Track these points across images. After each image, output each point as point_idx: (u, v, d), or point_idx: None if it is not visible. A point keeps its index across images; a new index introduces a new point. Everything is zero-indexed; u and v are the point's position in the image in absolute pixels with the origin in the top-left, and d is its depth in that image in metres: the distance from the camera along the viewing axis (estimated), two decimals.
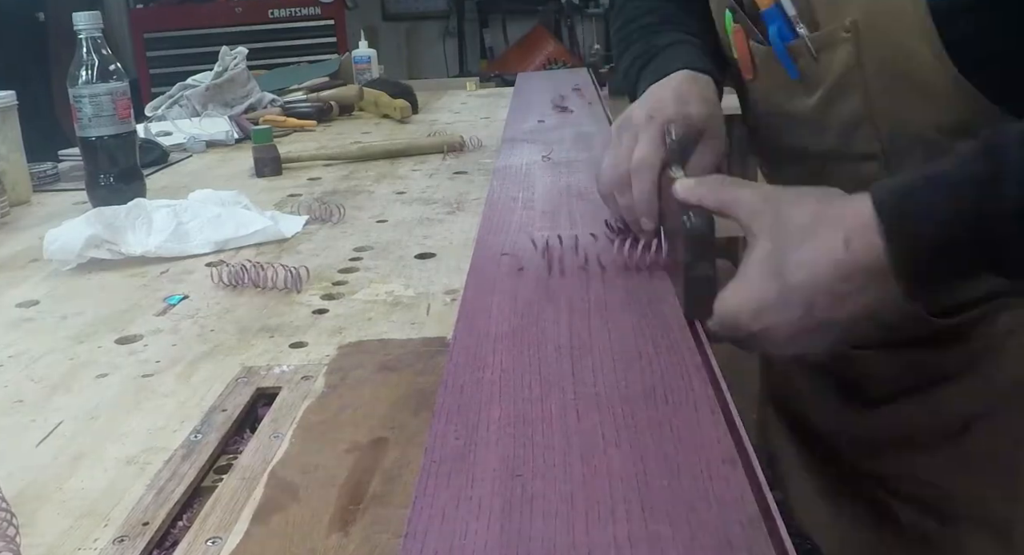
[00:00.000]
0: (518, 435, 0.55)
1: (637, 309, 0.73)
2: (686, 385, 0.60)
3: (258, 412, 0.67)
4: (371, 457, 0.57)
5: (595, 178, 0.87)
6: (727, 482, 0.49)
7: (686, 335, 0.68)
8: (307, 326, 0.81)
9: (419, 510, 0.48)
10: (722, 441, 0.53)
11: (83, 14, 1.21)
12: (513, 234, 0.96)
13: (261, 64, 2.48)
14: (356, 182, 1.38)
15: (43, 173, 1.49)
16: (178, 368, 0.73)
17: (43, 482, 0.57)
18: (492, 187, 1.19)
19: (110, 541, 0.50)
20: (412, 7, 5.03)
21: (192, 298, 0.90)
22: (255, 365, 0.73)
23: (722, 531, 0.45)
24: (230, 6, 4.10)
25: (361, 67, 2.35)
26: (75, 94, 1.22)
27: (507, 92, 2.32)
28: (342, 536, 0.49)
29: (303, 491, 0.54)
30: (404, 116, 1.94)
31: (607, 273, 0.79)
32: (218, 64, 2.01)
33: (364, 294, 0.88)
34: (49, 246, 0.99)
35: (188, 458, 0.59)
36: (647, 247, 0.78)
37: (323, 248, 1.04)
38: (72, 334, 0.82)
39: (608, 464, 0.51)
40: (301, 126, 1.91)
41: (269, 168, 1.46)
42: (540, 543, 0.44)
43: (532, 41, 4.59)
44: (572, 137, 1.49)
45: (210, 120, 1.87)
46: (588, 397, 0.59)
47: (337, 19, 4.14)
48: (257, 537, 0.50)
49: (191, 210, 1.07)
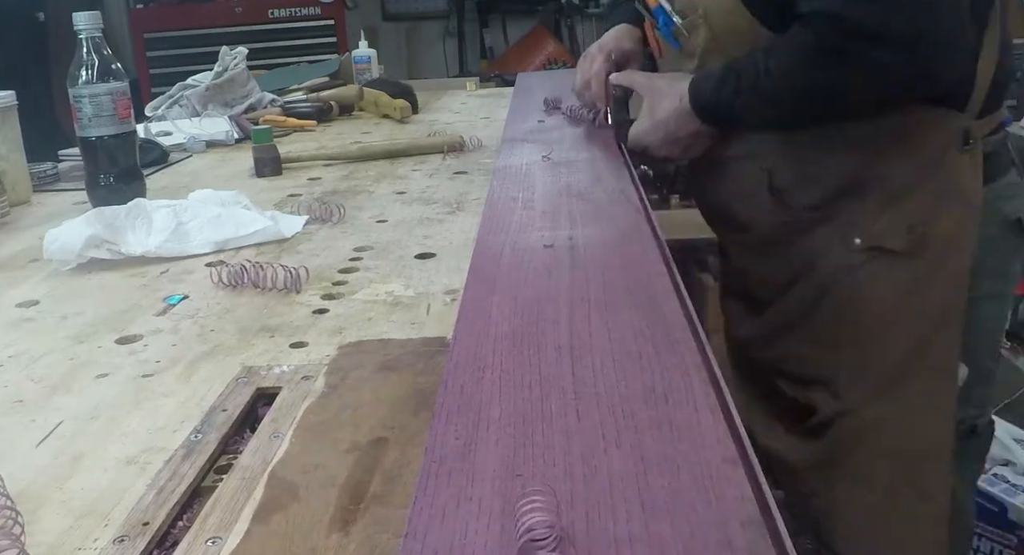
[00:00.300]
0: (518, 435, 0.55)
1: (637, 309, 0.73)
2: (686, 385, 0.60)
3: (258, 412, 0.67)
4: (371, 457, 0.57)
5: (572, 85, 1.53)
6: (727, 482, 0.49)
7: (686, 335, 0.68)
8: (307, 326, 0.81)
9: (419, 510, 0.48)
10: (722, 441, 0.53)
11: (83, 14, 1.21)
12: (513, 234, 0.96)
13: (261, 64, 2.48)
14: (356, 182, 1.38)
15: (43, 173, 1.49)
16: (178, 368, 0.73)
17: (43, 482, 0.57)
18: (492, 187, 1.19)
19: (110, 541, 0.50)
20: (412, 7, 5.04)
21: (192, 298, 0.90)
22: (255, 365, 0.73)
23: (722, 531, 0.45)
24: (230, 6, 4.11)
25: (361, 67, 2.35)
26: (75, 94, 1.22)
27: (507, 92, 2.32)
28: (342, 536, 0.49)
29: (303, 491, 0.54)
30: (404, 116, 1.94)
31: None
32: (218, 64, 2.01)
33: (364, 294, 0.88)
34: (49, 246, 0.99)
35: (188, 458, 0.59)
36: (600, 115, 1.47)
37: (323, 248, 1.04)
38: (72, 334, 0.82)
39: (608, 464, 0.51)
40: (301, 126, 1.91)
41: (269, 168, 1.46)
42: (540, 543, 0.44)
43: (532, 41, 4.60)
44: (572, 137, 1.49)
45: (210, 120, 1.87)
46: (588, 397, 0.59)
47: (337, 19, 4.14)
48: (257, 537, 0.50)
49: (191, 210, 1.07)
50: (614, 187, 1.14)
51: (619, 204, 1.06)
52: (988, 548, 1.81)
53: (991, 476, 1.83)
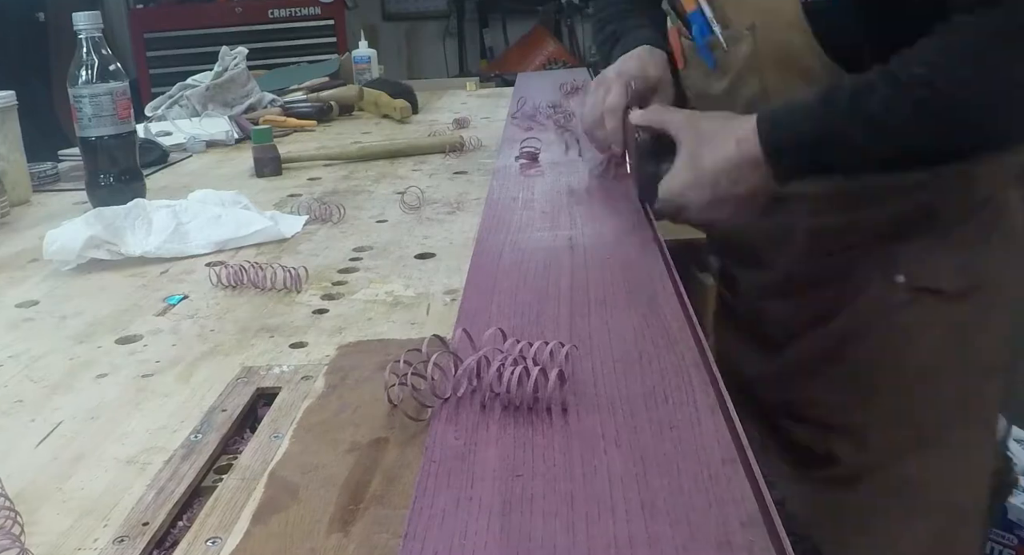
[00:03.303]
0: (518, 435, 0.55)
1: (637, 309, 0.73)
2: (686, 385, 0.60)
3: (258, 412, 0.67)
4: (371, 457, 0.57)
5: (579, 119, 1.21)
6: (727, 482, 0.49)
7: (686, 335, 0.68)
8: (307, 326, 0.81)
9: (419, 510, 0.48)
10: (722, 441, 0.53)
11: (83, 14, 1.21)
12: (513, 234, 0.96)
13: (261, 64, 2.48)
14: (356, 182, 1.38)
15: (43, 173, 1.49)
16: (178, 368, 0.73)
17: (43, 482, 0.57)
18: (492, 187, 1.19)
19: (110, 541, 0.50)
20: (412, 7, 5.04)
21: (192, 298, 0.90)
22: (255, 365, 0.73)
23: (722, 531, 0.45)
24: (230, 6, 4.10)
25: (361, 67, 2.35)
26: (75, 94, 1.22)
27: (507, 92, 2.32)
28: (342, 536, 0.49)
29: (303, 491, 0.54)
30: (404, 116, 1.94)
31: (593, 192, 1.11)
32: (218, 64, 2.01)
33: (364, 294, 0.88)
34: (49, 246, 0.99)
35: (188, 458, 0.59)
36: (617, 164, 1.14)
37: (323, 248, 1.04)
38: (72, 334, 0.82)
39: (608, 464, 0.51)
40: (301, 126, 1.91)
41: (269, 168, 1.46)
42: (540, 543, 0.45)
43: (532, 41, 4.59)
44: None
45: (210, 120, 1.87)
46: (588, 397, 0.59)
47: (337, 19, 4.14)
48: (257, 537, 0.50)
49: (191, 210, 1.07)
50: (614, 187, 1.14)
51: (619, 204, 1.07)
52: (988, 548, 1.80)
53: None
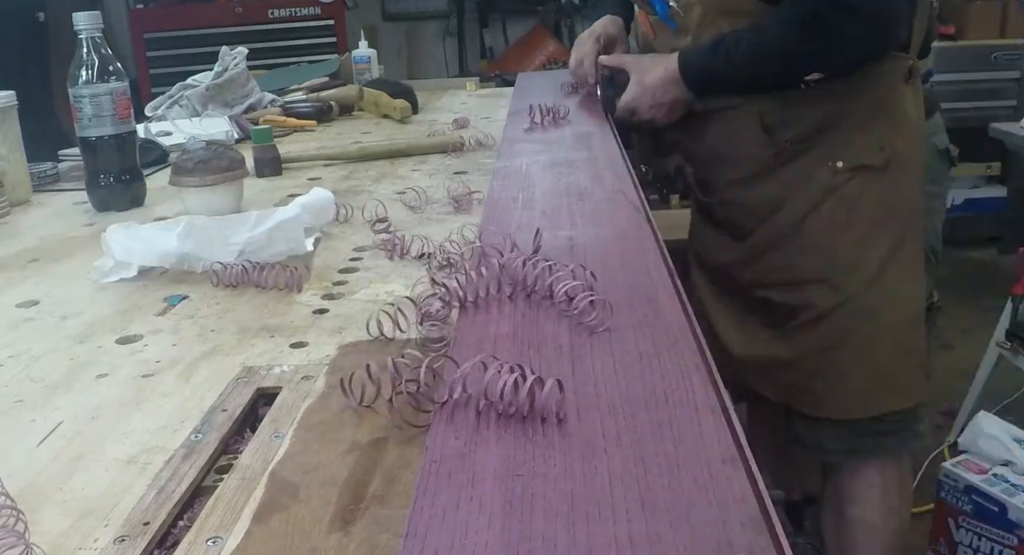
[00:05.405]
0: (518, 435, 0.55)
1: (637, 309, 0.73)
2: (686, 385, 0.60)
3: (258, 412, 0.67)
4: (371, 457, 0.57)
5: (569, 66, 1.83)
6: (727, 482, 0.49)
7: (686, 335, 0.68)
8: (307, 326, 0.81)
9: (419, 510, 0.48)
10: (722, 441, 0.53)
11: (83, 14, 1.21)
12: (513, 234, 0.96)
13: (261, 64, 2.48)
14: (356, 182, 1.38)
15: (43, 173, 1.49)
16: (178, 368, 0.73)
17: (43, 482, 0.57)
18: (492, 187, 1.19)
19: (111, 541, 0.50)
20: (412, 7, 5.03)
21: (192, 298, 0.90)
22: (255, 365, 0.73)
23: (722, 531, 0.45)
24: (230, 6, 4.10)
25: (361, 67, 2.35)
26: (75, 94, 1.22)
27: (507, 92, 2.32)
28: (342, 536, 0.49)
29: (303, 491, 0.54)
30: (404, 116, 1.94)
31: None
32: (218, 64, 2.01)
33: (364, 294, 0.88)
34: (131, 247, 0.95)
35: (188, 458, 0.59)
36: (590, 92, 1.77)
37: (323, 248, 1.04)
38: (72, 334, 0.82)
39: (608, 464, 0.51)
40: (301, 126, 1.91)
41: (269, 168, 1.46)
42: (540, 542, 0.45)
43: (532, 41, 4.59)
44: (572, 137, 1.49)
45: (210, 120, 1.87)
46: (588, 397, 0.59)
47: (337, 19, 4.14)
48: (257, 537, 0.50)
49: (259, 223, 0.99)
50: (614, 187, 1.14)
51: (619, 204, 1.07)
52: (988, 548, 1.80)
53: (991, 476, 1.83)
